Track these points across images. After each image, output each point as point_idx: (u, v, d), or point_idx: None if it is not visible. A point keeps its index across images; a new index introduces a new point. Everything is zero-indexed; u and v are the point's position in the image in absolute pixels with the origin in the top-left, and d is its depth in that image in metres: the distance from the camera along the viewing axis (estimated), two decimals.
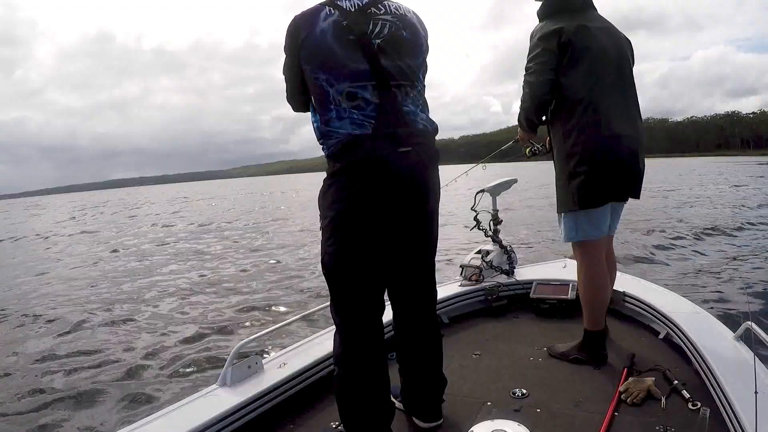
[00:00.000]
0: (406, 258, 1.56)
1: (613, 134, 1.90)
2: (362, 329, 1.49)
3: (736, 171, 33.52)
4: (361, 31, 1.40)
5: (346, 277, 1.46)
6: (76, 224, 21.34)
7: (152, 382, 3.57)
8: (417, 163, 1.44)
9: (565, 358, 2.15)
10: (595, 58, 1.91)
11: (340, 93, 1.38)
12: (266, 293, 6.09)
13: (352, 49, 1.38)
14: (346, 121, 1.38)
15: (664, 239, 8.11)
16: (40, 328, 5.23)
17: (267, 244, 10.70)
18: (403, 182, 1.42)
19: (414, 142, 1.43)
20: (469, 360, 2.22)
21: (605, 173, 1.92)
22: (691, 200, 14.76)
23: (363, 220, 1.41)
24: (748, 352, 1.76)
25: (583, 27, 1.90)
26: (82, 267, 9.24)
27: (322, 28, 1.38)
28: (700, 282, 5.45)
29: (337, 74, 1.38)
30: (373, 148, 1.37)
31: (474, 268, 2.93)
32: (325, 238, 1.46)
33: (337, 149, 1.40)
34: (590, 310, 2.09)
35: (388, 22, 1.45)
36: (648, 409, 1.70)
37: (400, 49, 1.45)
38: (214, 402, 1.68)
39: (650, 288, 2.60)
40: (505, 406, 1.77)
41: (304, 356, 2.01)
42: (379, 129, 1.38)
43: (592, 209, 1.97)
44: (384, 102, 1.40)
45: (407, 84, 1.46)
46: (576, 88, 1.91)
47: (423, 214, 1.53)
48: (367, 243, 1.43)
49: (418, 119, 1.48)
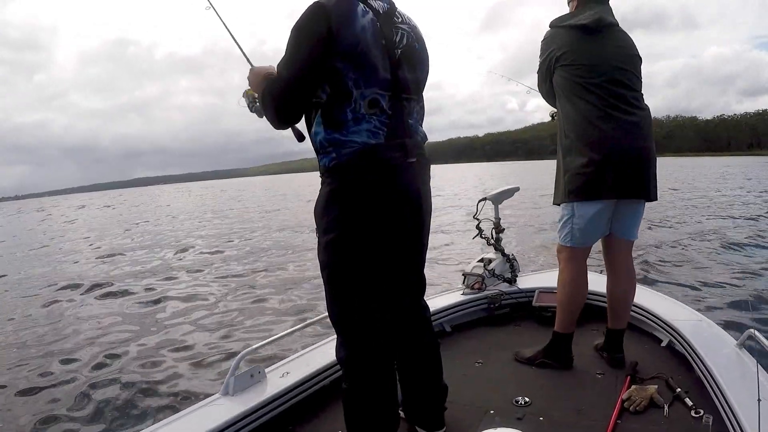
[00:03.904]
0: (403, 265, 1.55)
1: (613, 129, 1.91)
2: (373, 334, 1.45)
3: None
4: (389, 38, 1.38)
5: (352, 286, 1.41)
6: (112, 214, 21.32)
7: (154, 392, 3.56)
8: (420, 173, 1.46)
9: (532, 363, 2.17)
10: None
11: (364, 98, 1.33)
12: (270, 302, 6.09)
13: (383, 55, 1.35)
14: (362, 128, 1.33)
15: (666, 246, 8.09)
16: (36, 333, 5.24)
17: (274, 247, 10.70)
18: (411, 191, 1.43)
19: (417, 153, 1.44)
20: (472, 368, 2.22)
21: (600, 168, 1.91)
22: (697, 202, 14.71)
23: (373, 229, 1.37)
24: (751, 360, 1.76)
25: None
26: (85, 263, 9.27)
27: (363, 24, 1.31)
28: (702, 290, 5.43)
29: (368, 77, 1.32)
30: (388, 158, 1.35)
31: (476, 277, 2.93)
32: (330, 250, 1.39)
33: (348, 159, 1.33)
34: (563, 312, 2.11)
35: (406, 33, 1.43)
36: (651, 416, 1.70)
37: (413, 62, 1.45)
38: (216, 411, 1.69)
39: (653, 296, 2.60)
40: (507, 415, 1.77)
41: (307, 365, 2.01)
42: (389, 139, 1.37)
43: (585, 207, 1.97)
44: (395, 114, 1.39)
45: (415, 98, 1.47)
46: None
47: (424, 219, 1.53)
48: (376, 250, 1.40)
49: (419, 131, 1.49)
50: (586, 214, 1.98)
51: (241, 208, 25.59)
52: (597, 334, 2.36)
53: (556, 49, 1.99)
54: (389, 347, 1.52)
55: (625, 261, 2.13)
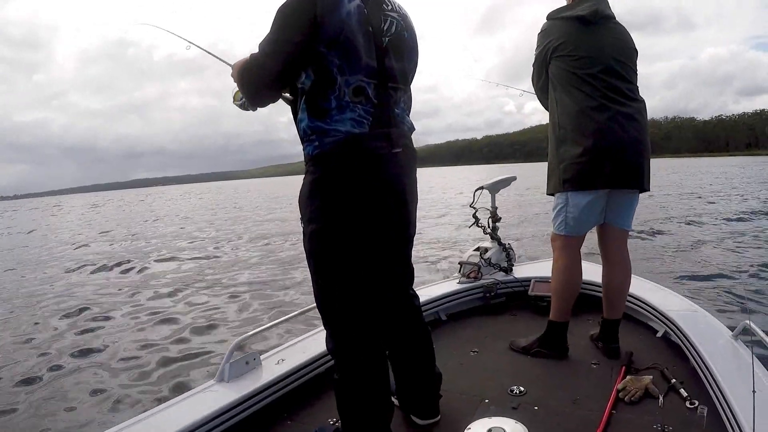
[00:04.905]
0: (388, 256, 1.51)
1: (608, 120, 1.91)
2: (359, 324, 1.43)
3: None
4: (377, 25, 1.35)
5: (336, 276, 1.39)
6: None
7: (150, 378, 3.57)
8: (406, 164, 1.44)
9: (527, 352, 2.18)
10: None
11: (348, 85, 1.30)
12: (264, 289, 6.09)
13: (368, 43, 1.32)
14: (346, 116, 1.31)
15: (662, 236, 8.13)
16: (35, 324, 5.22)
17: (267, 235, 10.70)
18: (395, 182, 1.41)
19: (402, 143, 1.42)
20: (467, 357, 2.22)
21: (595, 158, 1.91)
22: (691, 196, 14.77)
23: (357, 219, 1.35)
24: (746, 351, 1.77)
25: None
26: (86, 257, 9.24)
27: (349, 10, 1.28)
28: (698, 281, 5.46)
29: (352, 64, 1.30)
30: (373, 148, 1.34)
31: (472, 266, 2.93)
32: (315, 240, 1.38)
33: (331, 148, 1.31)
34: (558, 300, 2.12)
35: (395, 21, 1.41)
36: (646, 407, 1.70)
37: (402, 51, 1.43)
38: (211, 398, 1.68)
39: (648, 286, 2.60)
40: (502, 404, 1.77)
41: (302, 352, 2.01)
42: (374, 128, 1.35)
43: (579, 196, 1.97)
44: (380, 102, 1.36)
45: (402, 87, 1.45)
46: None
47: (410, 210, 1.51)
48: (360, 241, 1.37)
49: (405, 121, 1.47)
50: (580, 203, 1.99)
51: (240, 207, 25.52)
52: (592, 324, 2.37)
53: (554, 40, 1.99)
54: (378, 337, 1.50)
55: (620, 251, 2.13)
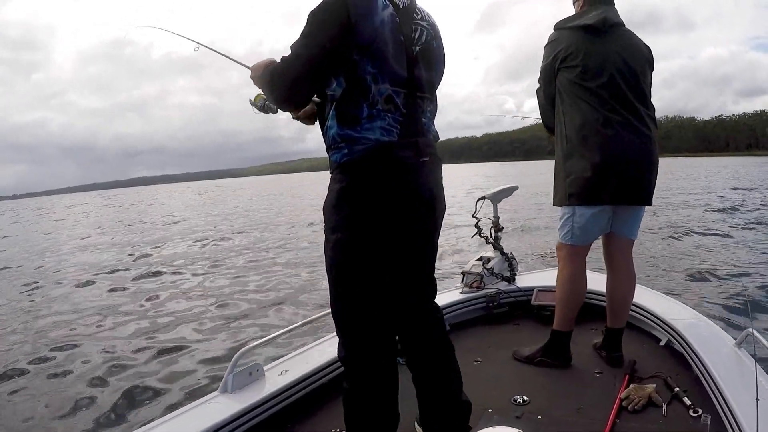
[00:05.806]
0: (413, 266, 1.50)
1: (615, 134, 1.90)
2: (375, 335, 1.42)
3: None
4: (408, 34, 1.35)
5: (356, 288, 1.38)
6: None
7: (153, 389, 3.56)
8: (433, 172, 1.44)
9: (531, 362, 2.17)
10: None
11: (381, 94, 1.30)
12: (268, 299, 6.09)
13: (400, 52, 1.32)
14: (376, 125, 1.30)
15: (666, 245, 8.10)
16: (35, 334, 5.23)
17: (271, 247, 10.71)
18: (423, 191, 1.40)
19: (429, 152, 1.42)
20: (471, 367, 2.22)
21: (600, 173, 1.91)
22: (695, 202, 14.72)
23: (384, 229, 1.34)
24: (749, 359, 1.76)
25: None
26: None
27: (383, 18, 1.27)
28: (701, 289, 5.43)
29: (385, 72, 1.29)
30: (401, 157, 1.33)
31: (475, 275, 2.93)
32: (338, 250, 1.36)
33: (361, 156, 1.30)
34: (562, 309, 2.11)
35: (425, 30, 1.40)
36: (649, 416, 1.70)
37: (430, 61, 1.43)
38: (215, 409, 1.69)
39: (652, 295, 2.60)
40: (506, 413, 1.77)
41: (305, 363, 2.01)
42: (403, 137, 1.34)
43: (586, 208, 1.97)
44: (409, 112, 1.36)
45: (428, 97, 1.45)
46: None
47: (437, 218, 1.50)
48: (385, 252, 1.37)
49: (431, 130, 1.47)
50: (587, 213, 1.99)
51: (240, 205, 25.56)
52: (596, 333, 2.36)
53: (562, 50, 1.96)
54: (391, 349, 1.48)
55: (625, 260, 2.13)
